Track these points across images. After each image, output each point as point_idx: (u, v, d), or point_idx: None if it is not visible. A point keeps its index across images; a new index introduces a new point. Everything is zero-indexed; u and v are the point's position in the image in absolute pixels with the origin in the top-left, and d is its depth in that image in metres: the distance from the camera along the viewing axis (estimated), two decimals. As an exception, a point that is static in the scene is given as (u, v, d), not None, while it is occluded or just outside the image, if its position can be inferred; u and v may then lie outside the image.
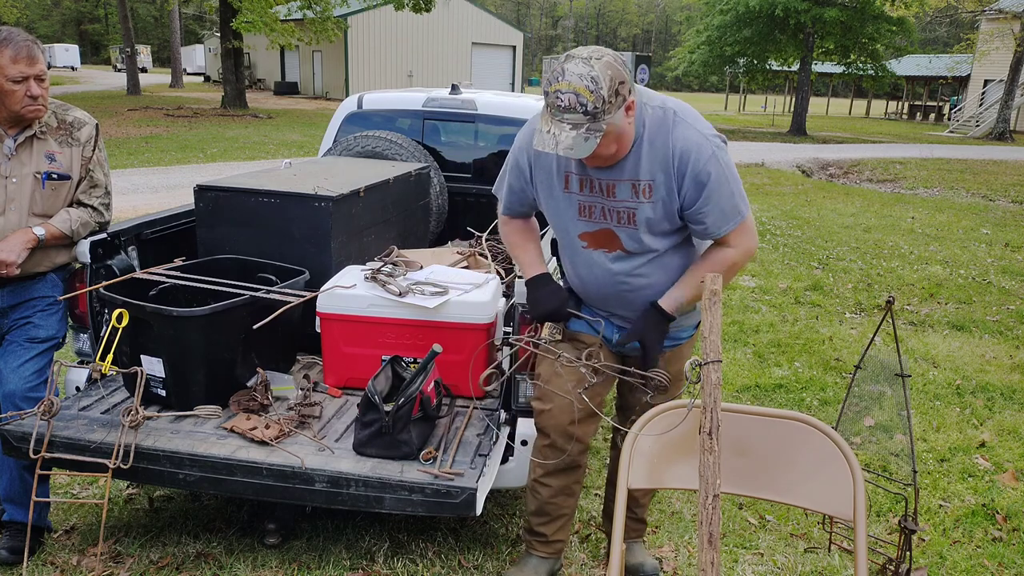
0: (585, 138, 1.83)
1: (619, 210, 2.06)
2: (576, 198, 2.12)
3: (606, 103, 1.81)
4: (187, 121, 19.96)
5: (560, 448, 2.29)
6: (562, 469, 2.34)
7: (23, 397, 2.45)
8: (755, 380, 4.46)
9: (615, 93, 1.83)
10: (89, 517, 2.83)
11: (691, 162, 1.95)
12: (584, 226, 2.14)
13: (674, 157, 1.97)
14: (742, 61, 28.13)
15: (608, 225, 2.10)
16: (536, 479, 2.38)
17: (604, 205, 2.08)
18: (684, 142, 1.96)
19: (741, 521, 3.02)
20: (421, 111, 4.34)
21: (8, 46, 2.35)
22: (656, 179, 2.00)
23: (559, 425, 2.26)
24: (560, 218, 2.18)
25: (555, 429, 2.27)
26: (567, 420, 2.24)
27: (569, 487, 2.40)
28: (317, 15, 23.71)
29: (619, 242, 2.11)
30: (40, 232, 2.47)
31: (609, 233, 2.11)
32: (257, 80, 40.19)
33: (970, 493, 3.31)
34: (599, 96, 1.80)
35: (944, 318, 5.89)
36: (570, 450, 2.28)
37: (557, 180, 2.13)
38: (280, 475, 2.19)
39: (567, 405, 2.23)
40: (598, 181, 2.06)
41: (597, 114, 1.82)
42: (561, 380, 2.25)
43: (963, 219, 10.65)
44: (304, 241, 2.89)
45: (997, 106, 27.22)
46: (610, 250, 2.13)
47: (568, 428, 2.25)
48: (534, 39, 64.31)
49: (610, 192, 2.05)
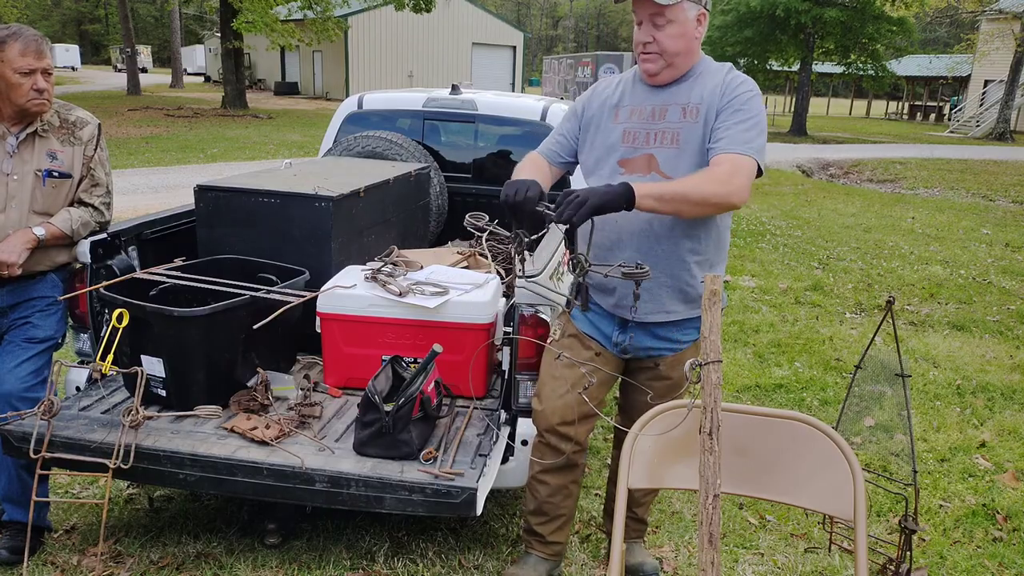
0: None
1: (665, 131, 2.15)
2: (623, 126, 2.21)
3: None
4: (187, 121, 19.96)
5: (554, 447, 2.32)
6: (559, 468, 2.35)
7: (20, 397, 2.45)
8: (755, 380, 4.46)
9: None
10: (89, 517, 2.83)
11: (736, 88, 2.11)
12: (625, 151, 2.20)
13: (724, 84, 2.12)
14: (743, 61, 28.11)
15: (650, 149, 2.17)
16: (533, 475, 2.41)
17: (650, 129, 2.17)
18: (734, 78, 2.14)
19: (741, 521, 3.02)
20: (421, 111, 4.34)
21: (17, 40, 2.40)
22: (704, 102, 2.11)
23: (551, 425, 2.30)
24: (604, 148, 2.24)
25: (548, 429, 2.31)
26: (558, 420, 2.28)
27: (566, 487, 2.41)
28: (317, 15, 23.72)
29: (656, 163, 2.16)
30: (40, 232, 2.48)
31: (648, 157, 2.17)
32: (257, 80, 40.20)
33: (970, 493, 3.31)
34: None
35: (944, 318, 5.89)
36: (565, 450, 2.30)
37: (608, 113, 2.25)
38: (280, 475, 2.19)
39: (560, 406, 2.27)
40: (650, 107, 2.18)
41: None
42: (557, 381, 2.28)
43: (963, 219, 10.64)
44: (304, 241, 2.89)
45: (997, 106, 27.21)
46: (645, 173, 2.16)
47: (560, 428, 2.29)
48: (534, 39, 64.33)
49: (662, 115, 2.16)
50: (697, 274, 2.18)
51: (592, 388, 2.24)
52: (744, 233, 8.95)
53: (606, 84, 2.34)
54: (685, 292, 2.20)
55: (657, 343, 2.26)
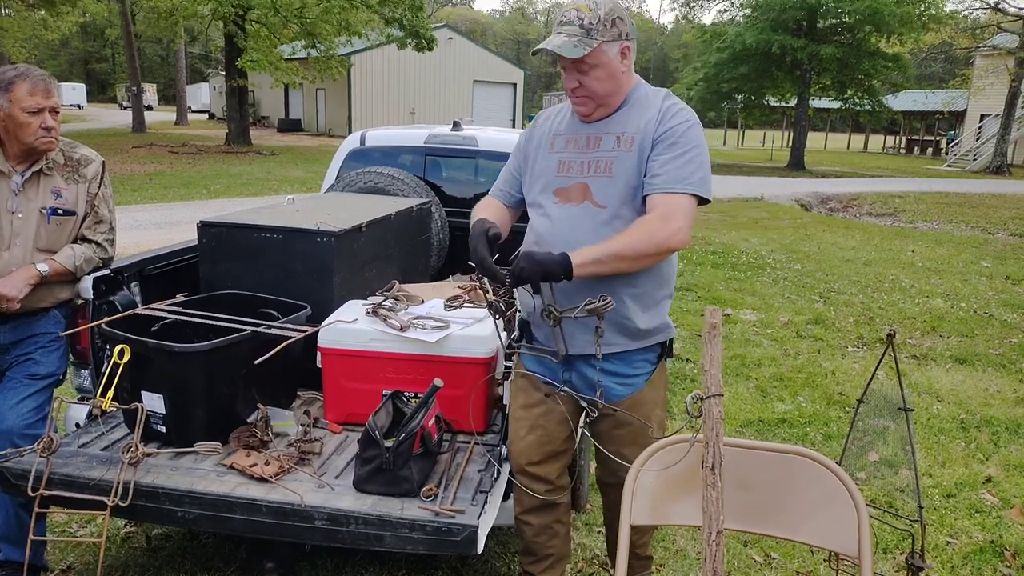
0: (574, 45, 2.01)
1: (599, 160, 2.14)
2: (558, 156, 2.21)
3: (601, 22, 2.01)
4: (191, 158, 20.16)
5: (528, 487, 2.33)
6: (540, 507, 2.36)
7: (21, 434, 2.44)
8: (758, 415, 4.43)
9: (611, 22, 2.03)
10: (86, 556, 2.79)
11: (672, 117, 2.09)
12: (560, 181, 2.19)
13: (660, 114, 2.10)
14: (739, 97, 28.50)
15: (584, 178, 2.15)
16: (517, 516, 2.42)
17: (584, 159, 2.16)
18: (671, 106, 2.12)
19: (746, 559, 2.98)
20: (423, 147, 4.39)
21: (25, 80, 2.45)
22: (640, 132, 2.10)
23: (520, 467, 2.34)
24: (542, 179, 2.24)
25: (518, 470, 2.34)
26: (525, 461, 2.32)
27: (550, 526, 2.39)
28: (321, 54, 24.12)
29: (590, 192, 2.14)
30: (44, 268, 2.49)
31: (583, 186, 2.16)
32: (261, 117, 40.69)
33: (977, 529, 3.27)
34: (596, 15, 2.01)
35: (946, 351, 5.87)
36: (538, 489, 2.31)
37: (546, 143, 2.25)
38: (279, 512, 2.16)
39: (523, 448, 2.32)
40: (585, 136, 2.18)
41: (591, 30, 2.01)
42: (519, 423, 2.33)
43: (963, 252, 10.67)
44: (306, 276, 2.90)
45: (994, 140, 27.47)
46: (579, 202, 2.15)
47: (528, 469, 2.32)
48: (534, 76, 65.21)
49: (596, 144, 2.15)
50: (633, 307, 2.12)
51: (550, 427, 2.27)
52: (744, 267, 8.97)
53: (547, 115, 2.34)
54: (624, 326, 2.13)
55: (605, 377, 2.16)
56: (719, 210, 14.32)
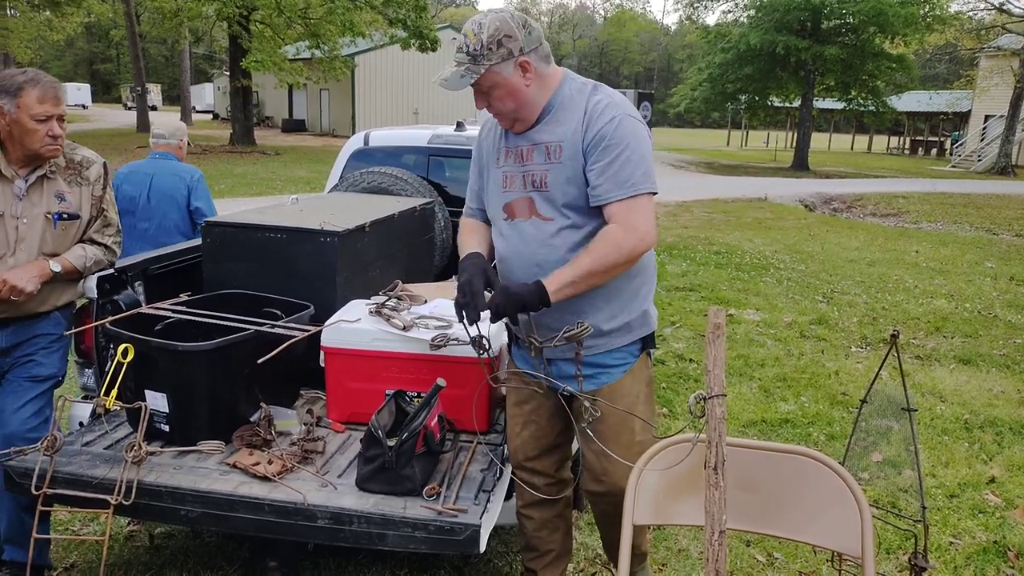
0: (461, 75, 1.99)
1: (534, 174, 2.12)
2: (502, 170, 2.20)
3: (485, 47, 1.97)
4: (195, 158, 20.18)
5: (527, 482, 2.36)
6: (541, 502, 2.38)
7: (23, 438, 2.43)
8: (761, 415, 4.42)
9: (496, 43, 1.98)
10: (89, 555, 2.80)
11: (597, 119, 2.02)
12: (506, 196, 2.19)
13: (585, 116, 2.04)
14: (743, 98, 28.47)
15: (526, 192, 2.14)
16: (519, 510, 2.44)
17: (522, 172, 2.14)
18: (596, 104, 2.04)
19: (749, 559, 2.98)
20: (426, 147, 4.39)
21: (36, 86, 2.41)
22: (565, 140, 2.05)
23: (518, 462, 2.38)
24: (492, 193, 2.24)
25: (516, 466, 2.39)
26: (522, 457, 2.37)
27: (551, 520, 2.41)
28: (325, 55, 24.16)
29: (535, 206, 2.14)
30: (56, 267, 2.48)
31: (528, 200, 2.15)
32: (265, 117, 40.78)
33: (981, 530, 3.26)
34: (479, 39, 1.97)
35: (950, 352, 5.86)
36: (537, 484, 2.35)
37: (492, 156, 2.24)
38: (282, 511, 2.17)
39: (519, 444, 2.37)
40: (518, 149, 2.14)
41: (476, 56, 1.98)
42: (513, 420, 2.38)
43: (967, 253, 10.65)
44: (310, 276, 2.91)
45: (998, 141, 27.40)
46: (527, 217, 2.15)
47: (525, 464, 2.37)
48: (538, 77, 65.12)
49: (528, 157, 2.12)
50: (603, 307, 2.12)
51: (542, 422, 2.31)
52: (748, 267, 8.97)
53: (488, 127, 2.28)
54: (599, 328, 2.12)
55: (586, 368, 2.17)
56: (723, 210, 14.31)
